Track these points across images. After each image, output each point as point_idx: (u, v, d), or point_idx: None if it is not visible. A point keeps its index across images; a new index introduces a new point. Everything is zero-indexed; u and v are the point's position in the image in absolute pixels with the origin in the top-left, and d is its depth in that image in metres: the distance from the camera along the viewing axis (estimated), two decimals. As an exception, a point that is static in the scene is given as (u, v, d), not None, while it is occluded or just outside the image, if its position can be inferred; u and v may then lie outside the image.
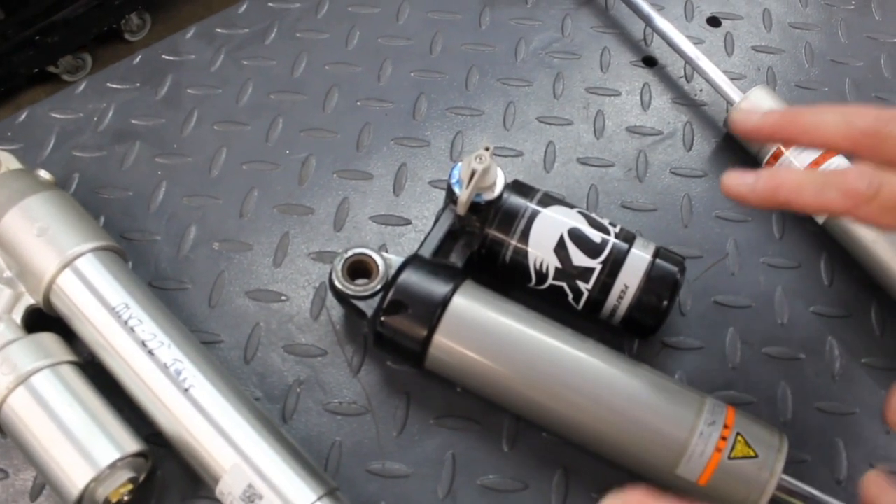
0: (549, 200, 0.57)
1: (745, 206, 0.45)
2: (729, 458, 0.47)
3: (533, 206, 0.56)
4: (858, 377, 0.58)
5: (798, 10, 0.78)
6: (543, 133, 0.69)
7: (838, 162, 0.61)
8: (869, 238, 0.59)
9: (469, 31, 0.75)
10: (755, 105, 0.64)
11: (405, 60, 0.73)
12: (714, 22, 0.77)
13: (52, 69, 1.87)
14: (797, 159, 0.62)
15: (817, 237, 0.63)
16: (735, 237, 0.63)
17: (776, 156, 0.63)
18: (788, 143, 0.45)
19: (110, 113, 0.69)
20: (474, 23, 0.76)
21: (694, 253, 0.62)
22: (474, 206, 0.55)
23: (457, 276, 0.54)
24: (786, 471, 0.48)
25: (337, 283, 0.55)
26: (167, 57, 0.73)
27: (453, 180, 0.56)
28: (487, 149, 0.54)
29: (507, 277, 0.57)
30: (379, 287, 0.54)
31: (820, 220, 0.62)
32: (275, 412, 0.55)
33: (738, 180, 0.45)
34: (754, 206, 0.45)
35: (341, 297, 0.55)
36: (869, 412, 0.57)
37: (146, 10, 1.99)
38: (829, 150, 0.44)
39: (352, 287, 0.54)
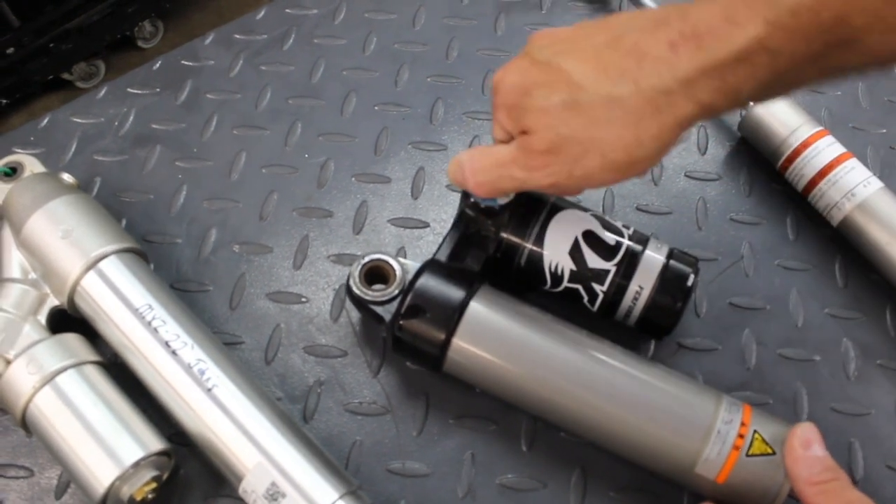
0: (562, 204, 0.57)
1: None
2: (747, 455, 0.48)
3: (547, 209, 0.56)
4: (873, 378, 0.58)
5: (810, 15, 0.79)
6: (559, 137, 0.69)
7: (852, 165, 0.61)
8: (883, 240, 0.60)
9: (485, 36, 0.76)
10: (770, 109, 0.65)
11: (422, 66, 0.74)
12: (727, 27, 0.77)
13: (66, 76, 1.89)
14: (810, 164, 0.62)
15: (831, 239, 0.64)
16: (749, 240, 0.64)
17: (790, 159, 0.63)
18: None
19: (131, 118, 0.70)
20: (490, 28, 0.76)
21: (709, 255, 0.63)
22: (489, 211, 0.56)
23: (473, 281, 0.54)
24: (803, 470, 0.48)
25: (355, 289, 0.55)
26: (187, 62, 0.74)
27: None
28: None
29: (523, 280, 0.57)
30: (396, 292, 0.55)
31: (834, 221, 0.62)
32: (296, 412, 0.56)
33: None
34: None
35: (359, 302, 0.56)
36: (884, 413, 0.57)
37: (159, 18, 2.00)
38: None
39: (370, 293, 0.55)
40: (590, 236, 0.55)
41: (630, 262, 0.55)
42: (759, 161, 0.67)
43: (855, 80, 0.73)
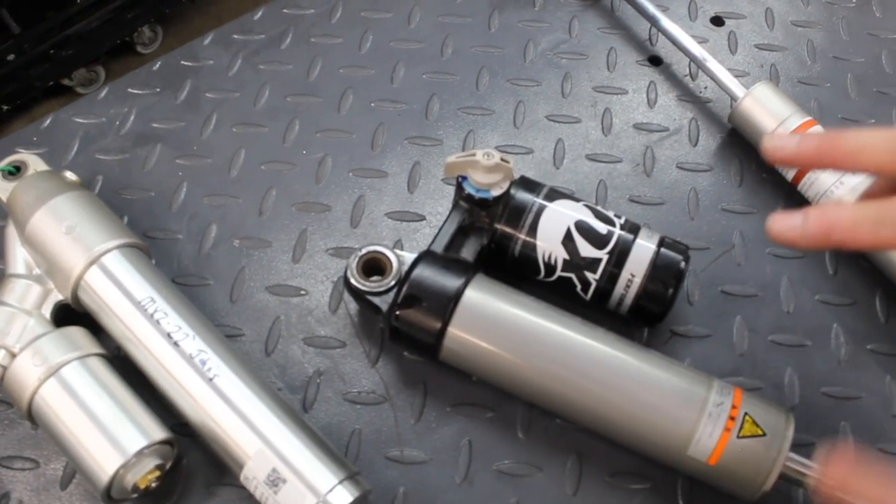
0: (555, 195, 0.58)
1: (796, 249, 0.43)
2: (738, 437, 0.48)
3: (540, 200, 0.57)
4: (864, 363, 0.59)
5: (800, 9, 0.80)
6: (552, 131, 0.70)
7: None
8: (872, 227, 0.60)
9: (479, 33, 0.77)
10: (760, 100, 0.66)
11: (417, 63, 0.75)
12: (717, 21, 0.79)
13: (66, 82, 1.90)
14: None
15: (822, 228, 0.64)
16: (741, 229, 0.65)
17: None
18: (831, 168, 0.44)
19: (132, 117, 0.71)
20: (484, 25, 0.78)
21: (701, 244, 0.64)
22: (484, 202, 0.57)
23: (468, 270, 0.55)
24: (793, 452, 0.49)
25: (352, 281, 0.56)
26: (186, 62, 0.75)
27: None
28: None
29: (517, 270, 0.58)
30: (393, 283, 0.56)
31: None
32: (296, 402, 0.57)
33: (786, 224, 0.43)
34: (806, 249, 0.44)
35: (357, 293, 0.56)
36: (874, 396, 0.58)
37: (158, 23, 2.02)
38: (877, 173, 0.43)
39: (367, 284, 0.56)
40: (582, 226, 0.56)
41: (622, 251, 0.56)
42: (750, 152, 0.68)
43: (844, 71, 0.75)
